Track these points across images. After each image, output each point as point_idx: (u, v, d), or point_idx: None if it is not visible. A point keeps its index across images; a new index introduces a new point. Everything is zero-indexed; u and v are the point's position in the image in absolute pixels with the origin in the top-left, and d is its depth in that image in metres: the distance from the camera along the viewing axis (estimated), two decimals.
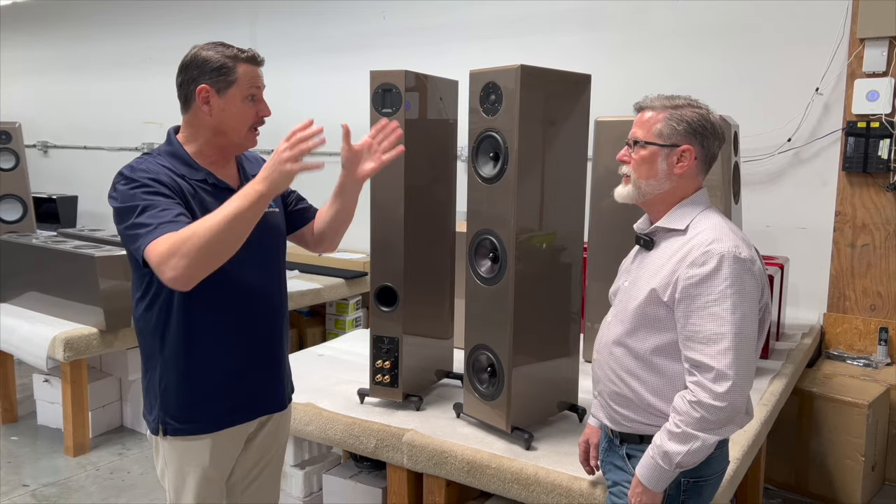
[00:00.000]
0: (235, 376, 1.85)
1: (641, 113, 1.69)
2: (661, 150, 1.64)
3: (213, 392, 1.83)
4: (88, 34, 6.88)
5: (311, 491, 2.92)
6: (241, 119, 1.79)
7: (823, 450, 3.22)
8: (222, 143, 1.82)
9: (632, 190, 1.69)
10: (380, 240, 2.48)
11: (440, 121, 2.58)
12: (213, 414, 1.83)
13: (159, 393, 1.83)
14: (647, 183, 1.67)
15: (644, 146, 1.65)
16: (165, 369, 1.81)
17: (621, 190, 1.71)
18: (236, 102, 1.77)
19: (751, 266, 1.57)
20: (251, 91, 1.78)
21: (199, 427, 1.83)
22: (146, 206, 1.63)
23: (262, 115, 1.82)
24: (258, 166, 1.95)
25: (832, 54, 3.56)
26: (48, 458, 3.65)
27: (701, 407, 1.52)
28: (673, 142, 1.64)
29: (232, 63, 1.76)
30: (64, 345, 3.41)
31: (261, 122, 1.83)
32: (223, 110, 1.77)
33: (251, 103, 1.79)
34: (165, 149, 1.82)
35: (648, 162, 1.65)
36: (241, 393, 1.87)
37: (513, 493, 2.14)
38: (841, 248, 3.66)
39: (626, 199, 1.71)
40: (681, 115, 1.64)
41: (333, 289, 4.58)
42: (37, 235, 4.35)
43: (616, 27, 4.15)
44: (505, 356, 2.22)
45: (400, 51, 4.95)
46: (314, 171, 1.66)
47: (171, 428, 1.83)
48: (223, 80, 1.76)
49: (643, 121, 1.67)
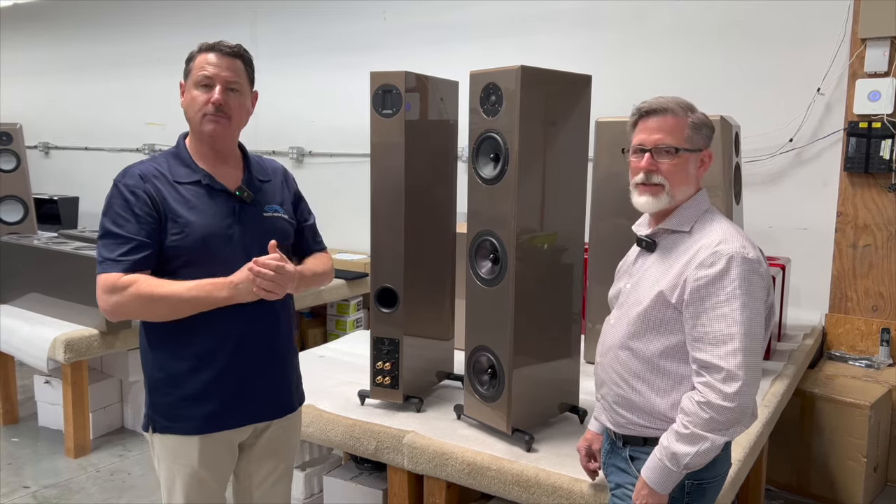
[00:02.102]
0: (222, 380, 1.84)
1: (662, 118, 1.63)
2: (692, 155, 1.64)
3: (197, 396, 1.83)
4: (89, 35, 6.89)
5: (312, 492, 2.92)
6: (194, 105, 1.81)
7: (825, 451, 3.21)
8: (197, 135, 1.85)
9: (665, 199, 1.64)
10: (380, 241, 2.47)
11: (440, 121, 2.58)
12: (198, 415, 1.84)
13: (148, 391, 1.87)
14: (680, 190, 1.64)
15: (677, 153, 1.62)
16: (154, 367, 1.85)
17: (651, 201, 1.64)
18: (190, 90, 1.82)
19: (758, 267, 1.56)
20: (199, 77, 1.79)
21: (185, 427, 1.84)
22: (106, 233, 1.77)
23: (211, 100, 1.78)
24: (266, 173, 1.98)
25: (834, 54, 3.55)
26: (49, 459, 3.65)
27: (710, 408, 1.52)
28: (699, 146, 1.64)
29: (195, 53, 1.83)
30: (65, 346, 3.41)
31: (212, 109, 1.78)
32: (185, 100, 1.84)
33: (203, 90, 1.79)
34: (170, 150, 1.89)
35: (683, 169, 1.63)
36: (227, 399, 1.86)
37: (513, 496, 2.13)
38: (842, 249, 3.65)
39: (657, 208, 1.66)
40: (699, 120, 1.65)
41: (334, 290, 4.58)
42: (38, 237, 4.35)
43: (617, 27, 4.15)
44: (505, 357, 2.21)
45: (400, 51, 4.95)
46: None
47: (160, 425, 1.85)
48: (186, 68, 1.85)
49: (670, 126, 1.62)
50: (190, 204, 1.80)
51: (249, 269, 1.72)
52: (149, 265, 1.77)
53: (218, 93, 1.78)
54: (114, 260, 1.73)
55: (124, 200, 1.76)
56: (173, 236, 1.77)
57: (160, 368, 1.84)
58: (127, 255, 1.74)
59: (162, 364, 1.84)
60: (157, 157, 1.87)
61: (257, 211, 1.90)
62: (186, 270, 1.79)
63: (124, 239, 1.74)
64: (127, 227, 1.75)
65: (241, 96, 1.84)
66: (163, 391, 1.84)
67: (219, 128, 1.81)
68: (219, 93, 1.79)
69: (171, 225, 1.77)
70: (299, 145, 5.56)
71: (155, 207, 1.77)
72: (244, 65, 1.86)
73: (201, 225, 1.79)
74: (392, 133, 2.39)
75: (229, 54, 1.82)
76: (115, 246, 1.74)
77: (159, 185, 1.79)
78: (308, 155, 5.54)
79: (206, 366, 1.82)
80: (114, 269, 1.73)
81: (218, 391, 1.84)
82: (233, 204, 1.85)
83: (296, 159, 5.55)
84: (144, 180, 1.78)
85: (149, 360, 1.87)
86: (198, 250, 1.79)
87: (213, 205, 1.83)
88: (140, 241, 1.75)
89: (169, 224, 1.78)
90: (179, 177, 1.82)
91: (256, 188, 1.92)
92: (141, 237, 1.75)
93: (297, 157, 5.55)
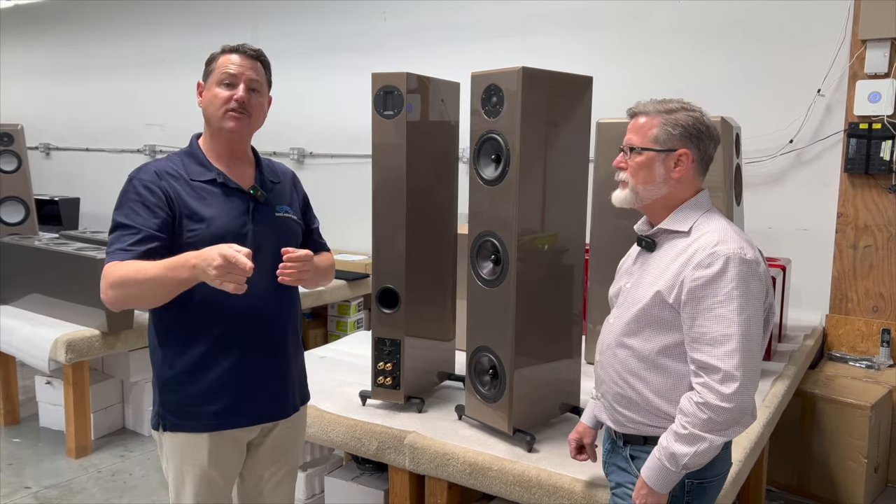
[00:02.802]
0: (232, 378, 1.85)
1: (635, 119, 1.69)
2: (658, 155, 1.65)
3: (207, 393, 1.84)
4: (91, 36, 6.90)
5: (313, 493, 2.93)
6: (215, 102, 1.84)
7: (826, 451, 3.21)
8: (215, 133, 1.87)
9: (629, 195, 1.70)
10: (382, 241, 2.48)
11: (441, 122, 2.58)
12: (208, 413, 1.84)
13: (159, 387, 1.87)
14: (644, 188, 1.67)
15: (640, 152, 1.66)
16: (164, 364, 1.85)
17: (619, 194, 1.72)
18: (213, 88, 1.85)
19: (756, 268, 1.57)
20: (223, 75, 1.83)
21: (195, 425, 1.84)
22: (117, 225, 1.77)
23: (234, 97, 1.82)
24: (276, 175, 2.01)
25: (834, 56, 3.56)
26: (50, 459, 3.65)
27: (708, 408, 1.52)
28: (669, 146, 1.64)
29: (217, 55, 1.88)
30: (66, 347, 3.41)
31: (236, 105, 1.83)
32: (205, 98, 1.87)
33: (225, 88, 1.83)
34: (184, 150, 1.91)
35: (646, 167, 1.66)
36: (236, 398, 1.86)
37: (515, 496, 2.13)
38: (843, 250, 3.66)
39: (624, 204, 1.72)
40: (675, 120, 1.64)
41: (335, 290, 4.59)
42: (39, 237, 4.35)
43: (617, 28, 4.15)
44: (507, 358, 2.22)
45: (401, 52, 4.95)
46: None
47: (170, 423, 1.86)
48: (207, 69, 1.88)
49: (638, 126, 1.68)
50: (206, 202, 1.81)
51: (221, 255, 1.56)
52: (157, 257, 1.74)
53: (242, 90, 1.83)
54: (122, 250, 1.72)
55: (137, 194, 1.77)
56: (189, 233, 1.77)
57: (170, 366, 1.84)
58: (135, 246, 1.72)
59: (171, 361, 1.84)
60: (171, 157, 1.89)
61: (270, 211, 1.92)
62: None
63: (134, 230, 1.74)
64: (137, 219, 1.75)
65: (260, 97, 1.89)
66: (172, 388, 1.84)
67: (239, 125, 1.84)
68: (242, 90, 1.83)
69: (187, 222, 1.78)
70: (300, 146, 5.56)
71: (169, 204, 1.77)
72: (264, 68, 1.91)
73: (218, 223, 1.80)
74: (393, 134, 2.40)
75: (252, 56, 1.87)
76: (125, 237, 1.74)
77: (175, 182, 1.80)
78: (309, 156, 5.55)
79: (216, 363, 1.83)
80: (119, 258, 1.71)
81: (228, 389, 1.84)
82: (247, 203, 1.87)
83: (296, 160, 5.56)
84: (160, 177, 1.79)
85: (158, 357, 1.87)
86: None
87: (229, 203, 1.84)
88: (149, 233, 1.74)
89: (185, 221, 1.78)
90: (194, 175, 1.84)
91: (269, 188, 1.94)
92: (151, 229, 1.74)
93: (298, 158, 5.56)
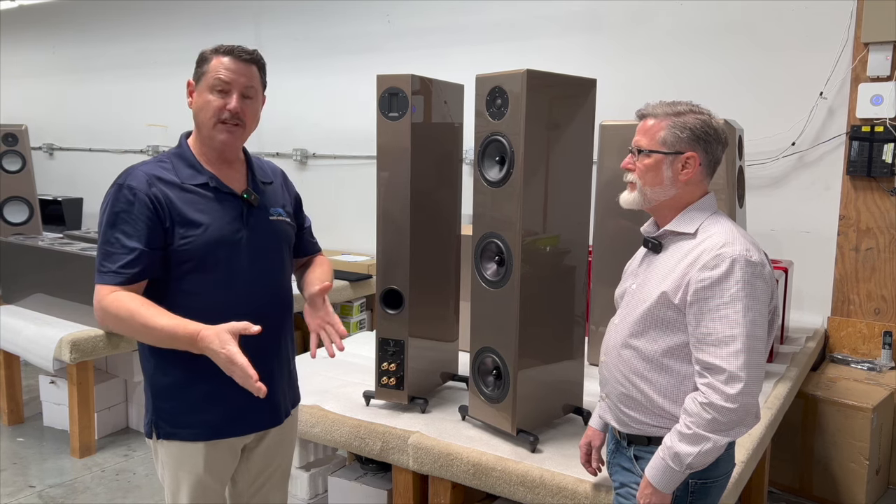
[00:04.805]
0: (223, 389, 1.73)
1: (644, 121, 1.70)
2: (666, 157, 1.66)
3: (203, 402, 1.80)
4: (93, 37, 6.91)
5: (317, 493, 2.93)
6: (207, 109, 1.75)
7: (827, 453, 3.22)
8: (206, 140, 1.80)
9: (637, 196, 1.71)
10: (386, 243, 2.49)
11: (446, 124, 2.59)
12: (202, 422, 1.81)
13: (151, 396, 1.84)
14: (652, 190, 1.68)
15: (648, 154, 1.67)
16: (157, 372, 1.81)
17: (627, 196, 1.73)
18: (204, 93, 1.76)
19: (761, 270, 1.58)
20: (215, 81, 1.73)
21: (190, 433, 1.81)
22: (107, 240, 1.72)
23: (227, 107, 1.74)
24: (267, 175, 1.96)
25: (836, 58, 3.56)
26: (54, 459, 3.67)
27: (712, 409, 1.53)
28: (677, 149, 1.65)
29: (210, 55, 1.77)
30: (70, 346, 3.42)
31: (229, 116, 1.75)
32: (196, 102, 1.78)
33: (217, 95, 1.74)
34: (174, 150, 1.84)
35: (653, 170, 1.67)
36: (230, 406, 1.82)
37: (518, 496, 2.14)
38: (845, 252, 3.66)
39: (632, 206, 1.73)
40: (684, 123, 1.65)
41: (338, 291, 4.59)
42: (43, 237, 4.37)
43: (620, 31, 4.16)
44: (510, 359, 2.23)
45: (405, 54, 4.96)
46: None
47: (164, 431, 1.82)
48: (198, 71, 1.79)
49: (646, 129, 1.69)
50: (199, 207, 1.76)
51: (226, 353, 1.57)
52: (149, 275, 1.73)
53: (235, 101, 1.74)
54: (114, 272, 1.69)
55: (127, 204, 1.71)
56: (182, 240, 1.73)
57: (163, 373, 1.80)
58: (126, 268, 1.69)
59: (165, 369, 1.79)
60: (160, 158, 1.81)
61: (264, 214, 1.87)
62: (193, 276, 1.75)
63: (126, 249, 1.69)
64: (128, 234, 1.70)
65: (254, 103, 1.81)
66: (166, 396, 1.81)
67: (232, 137, 1.77)
68: (236, 101, 1.75)
69: (180, 230, 1.73)
70: (303, 147, 5.57)
71: (160, 213, 1.71)
72: (259, 71, 1.82)
73: (211, 230, 1.75)
74: (398, 135, 2.41)
75: (247, 60, 1.77)
76: (116, 255, 1.70)
77: (166, 188, 1.73)
78: (312, 157, 5.56)
79: (213, 372, 1.71)
80: (112, 282, 1.69)
81: (225, 398, 1.79)
82: (240, 208, 1.82)
83: (300, 161, 5.57)
84: (150, 184, 1.72)
85: (150, 364, 1.82)
86: (206, 255, 1.74)
87: (222, 209, 1.78)
88: (141, 251, 1.70)
89: (177, 228, 1.72)
90: (185, 178, 1.77)
91: (260, 191, 1.88)
92: (142, 246, 1.70)
93: (301, 159, 5.57)
